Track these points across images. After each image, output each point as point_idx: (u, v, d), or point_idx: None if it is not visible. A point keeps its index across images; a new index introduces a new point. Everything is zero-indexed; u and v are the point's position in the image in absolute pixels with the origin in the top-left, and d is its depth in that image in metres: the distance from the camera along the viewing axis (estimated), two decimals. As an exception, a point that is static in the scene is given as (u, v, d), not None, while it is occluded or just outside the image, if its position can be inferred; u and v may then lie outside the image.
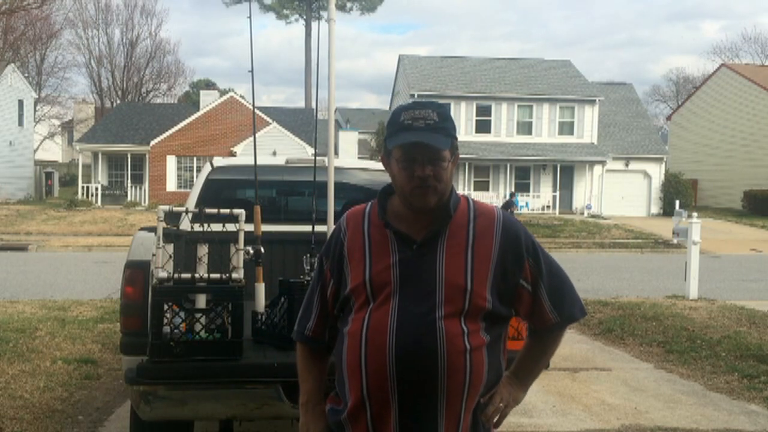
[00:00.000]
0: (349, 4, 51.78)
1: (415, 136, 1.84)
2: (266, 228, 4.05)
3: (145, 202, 33.03)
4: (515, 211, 25.32)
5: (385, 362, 1.82)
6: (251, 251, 3.65)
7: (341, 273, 1.98)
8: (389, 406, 1.84)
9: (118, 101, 49.68)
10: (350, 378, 1.89)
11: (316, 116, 12.47)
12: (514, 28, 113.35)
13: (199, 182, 5.44)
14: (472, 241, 1.90)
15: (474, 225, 1.92)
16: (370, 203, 2.05)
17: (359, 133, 37.75)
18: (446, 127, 1.88)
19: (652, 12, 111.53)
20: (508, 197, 26.37)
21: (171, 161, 34.08)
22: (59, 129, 50.97)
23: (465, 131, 33.66)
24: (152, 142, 33.71)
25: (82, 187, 33.55)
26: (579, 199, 33.38)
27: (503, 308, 1.93)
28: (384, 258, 1.90)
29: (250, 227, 3.66)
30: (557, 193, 32.68)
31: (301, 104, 49.85)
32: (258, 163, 4.08)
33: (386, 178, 6.62)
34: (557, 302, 1.97)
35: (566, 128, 34.22)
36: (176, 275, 3.22)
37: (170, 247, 3.32)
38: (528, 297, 1.95)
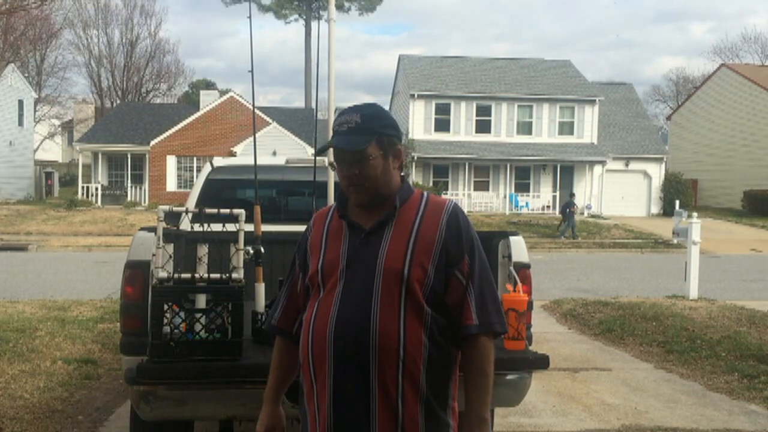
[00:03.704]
0: (347, 4, 51.75)
1: (335, 140, 2.01)
2: (266, 228, 4.05)
3: (145, 202, 33.03)
4: (575, 211, 25.15)
5: (324, 347, 1.93)
6: (251, 251, 3.65)
7: (306, 266, 2.10)
8: (326, 389, 1.95)
9: (118, 101, 49.68)
10: (302, 362, 2.02)
11: (316, 116, 12.46)
12: (504, 30, 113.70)
13: (199, 182, 5.45)
14: (417, 228, 1.98)
15: (422, 214, 2.01)
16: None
17: (359, 133, 37.69)
18: (369, 127, 1.98)
19: (639, 14, 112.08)
20: (568, 198, 26.34)
21: (171, 161, 34.08)
22: (59, 129, 50.92)
23: (465, 131, 33.68)
24: (152, 142, 33.71)
25: (82, 187, 33.55)
26: (579, 199, 33.36)
27: (439, 294, 1.97)
28: (336, 247, 2.02)
29: (250, 227, 3.66)
30: (557, 193, 32.67)
31: (298, 104, 49.89)
32: (258, 163, 4.08)
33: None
34: (481, 306, 1.99)
35: (566, 128, 34.22)
36: (176, 275, 3.22)
37: (170, 247, 3.32)
38: (460, 289, 1.98)
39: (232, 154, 30.91)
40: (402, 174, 2.08)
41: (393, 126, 2.05)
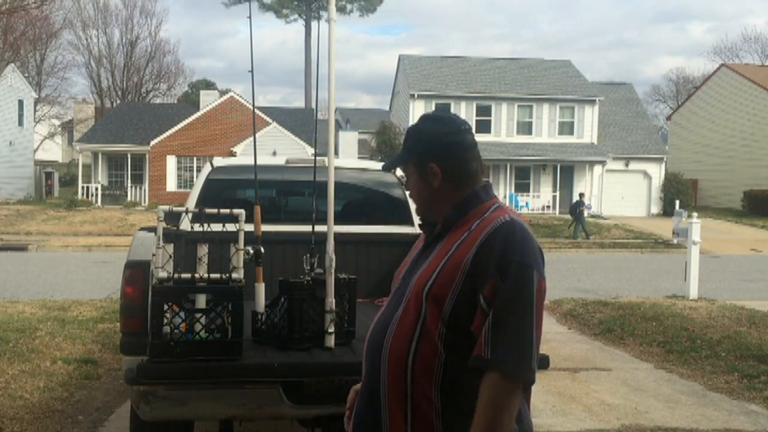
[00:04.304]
0: (348, 6, 51.77)
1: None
2: (266, 228, 4.05)
3: (145, 202, 33.03)
4: (584, 211, 25.01)
5: (362, 357, 1.96)
6: (251, 251, 3.65)
7: None
8: (358, 397, 1.96)
9: (118, 101, 49.70)
10: None
11: (316, 116, 12.46)
12: (503, 30, 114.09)
13: (199, 182, 5.45)
14: (457, 245, 1.83)
15: (472, 229, 1.83)
16: None
17: (359, 133, 37.77)
18: (405, 146, 2.00)
19: (638, 14, 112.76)
20: (577, 198, 26.23)
21: (171, 161, 34.08)
22: (59, 129, 50.97)
23: (465, 131, 33.69)
24: (152, 142, 33.72)
25: (82, 187, 33.55)
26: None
27: (465, 321, 1.75)
28: (410, 258, 2.02)
29: (250, 227, 3.66)
30: (557, 193, 32.68)
31: (297, 104, 49.93)
32: (258, 163, 4.08)
33: (386, 178, 6.58)
34: (496, 338, 1.69)
35: (566, 128, 34.22)
36: (176, 275, 3.22)
37: (170, 247, 3.31)
38: (483, 317, 1.73)
39: (232, 154, 30.92)
40: (472, 187, 1.91)
41: (423, 142, 1.93)
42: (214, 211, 3.52)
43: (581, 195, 26.63)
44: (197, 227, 3.60)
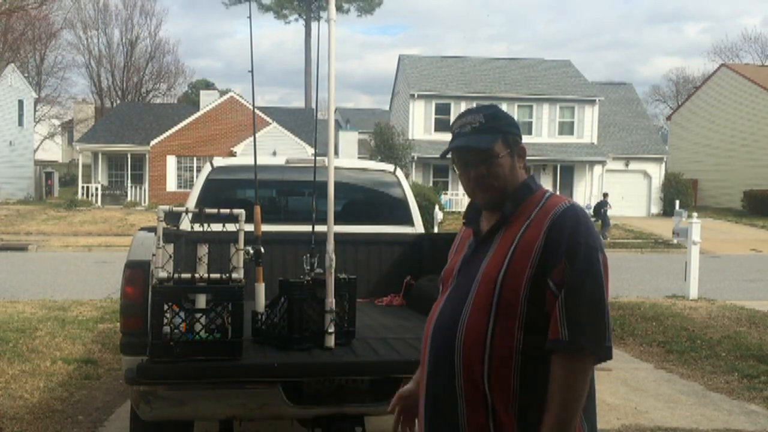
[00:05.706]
0: (345, 6, 51.75)
1: (462, 141, 1.96)
2: (266, 228, 4.05)
3: (145, 202, 33.04)
4: (608, 211, 24.91)
5: (425, 351, 1.97)
6: (251, 251, 3.65)
7: None
8: (422, 390, 1.96)
9: (118, 101, 49.73)
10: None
11: (316, 116, 12.46)
12: (501, 30, 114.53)
13: (199, 182, 5.46)
14: (521, 234, 1.85)
15: (533, 218, 1.87)
16: None
17: (359, 133, 37.77)
18: (493, 126, 1.95)
19: (634, 14, 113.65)
20: (601, 197, 26.16)
21: (171, 161, 34.09)
22: (59, 129, 50.98)
23: (465, 131, 33.72)
24: (152, 142, 33.72)
25: (82, 187, 33.56)
26: (579, 199, 33.38)
27: (540, 305, 1.79)
28: (459, 254, 2.02)
29: (250, 227, 3.66)
30: (557, 193, 32.67)
31: (296, 104, 49.93)
32: (258, 163, 4.09)
33: (386, 178, 6.55)
34: (572, 320, 1.74)
35: (566, 128, 34.23)
36: (176, 275, 3.22)
37: (170, 247, 3.32)
38: (554, 301, 1.77)
39: (232, 154, 30.93)
40: (529, 174, 2.01)
41: (516, 125, 2.00)
42: (214, 211, 3.52)
43: (605, 195, 26.54)
44: (197, 227, 3.60)
